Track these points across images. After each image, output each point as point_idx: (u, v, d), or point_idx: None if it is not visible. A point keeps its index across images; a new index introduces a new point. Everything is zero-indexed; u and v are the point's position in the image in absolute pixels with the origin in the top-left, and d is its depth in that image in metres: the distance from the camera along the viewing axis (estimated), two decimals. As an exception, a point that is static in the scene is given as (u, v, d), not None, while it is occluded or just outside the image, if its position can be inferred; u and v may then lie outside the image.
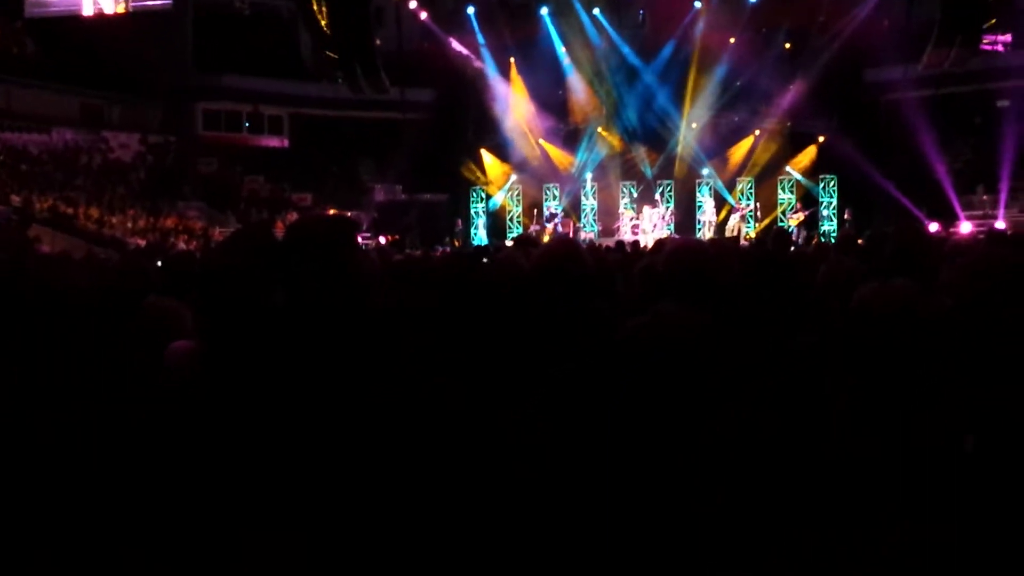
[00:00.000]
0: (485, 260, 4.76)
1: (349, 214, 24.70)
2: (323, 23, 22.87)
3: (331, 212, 21.45)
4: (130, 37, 24.25)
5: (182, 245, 19.43)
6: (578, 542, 1.77)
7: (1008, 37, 23.64)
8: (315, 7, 22.77)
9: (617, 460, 1.86)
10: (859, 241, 9.27)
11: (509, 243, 15.01)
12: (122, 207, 23.07)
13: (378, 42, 24.03)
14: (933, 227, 18.60)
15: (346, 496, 1.72)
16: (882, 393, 2.15)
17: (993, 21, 22.46)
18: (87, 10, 24.56)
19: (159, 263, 5.69)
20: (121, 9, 24.97)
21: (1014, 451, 1.84)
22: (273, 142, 28.50)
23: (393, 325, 2.50)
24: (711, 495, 1.86)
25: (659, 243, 7.14)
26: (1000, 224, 19.86)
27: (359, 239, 2.06)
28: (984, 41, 22.96)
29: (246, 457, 1.77)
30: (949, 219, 20.75)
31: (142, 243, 19.00)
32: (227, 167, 27.04)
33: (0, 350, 2.14)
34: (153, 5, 25.17)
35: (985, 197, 22.88)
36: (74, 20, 24.28)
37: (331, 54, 23.68)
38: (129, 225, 22.21)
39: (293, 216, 21.96)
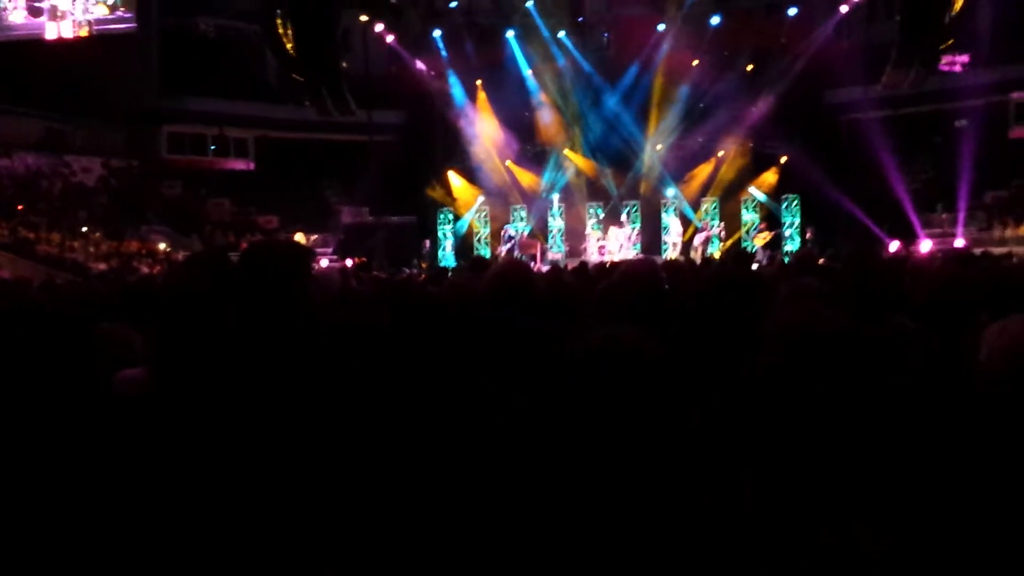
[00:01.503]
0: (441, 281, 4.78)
1: (315, 236, 24.62)
2: (289, 46, 22.90)
3: (295, 236, 21.40)
4: (95, 60, 24.07)
5: (145, 269, 19.25)
6: (562, 546, 1.77)
7: (965, 58, 24.13)
8: (281, 30, 22.81)
9: (601, 466, 1.87)
10: (820, 260, 9.42)
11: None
12: (84, 231, 22.81)
13: (344, 65, 24.11)
14: (894, 245, 18.89)
15: (301, 506, 1.72)
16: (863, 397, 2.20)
17: (951, 42, 22.99)
18: (50, 34, 24.36)
19: (119, 288, 5.63)
20: (84, 33, 24.79)
21: (997, 453, 1.88)
22: (239, 165, 28.33)
23: (344, 344, 2.51)
24: (698, 497, 1.88)
25: (615, 264, 7.22)
26: (959, 242, 20.22)
27: (311, 265, 2.07)
28: (942, 62, 23.46)
29: (203, 470, 1.76)
30: (909, 237, 21.06)
31: (103, 267, 18.80)
32: (191, 190, 26.85)
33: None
34: (118, 29, 25.01)
35: (944, 215, 23.28)
36: (38, 43, 24.07)
37: (297, 77, 23.72)
38: (91, 249, 21.96)
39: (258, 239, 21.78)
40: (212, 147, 27.99)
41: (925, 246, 19.60)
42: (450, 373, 2.58)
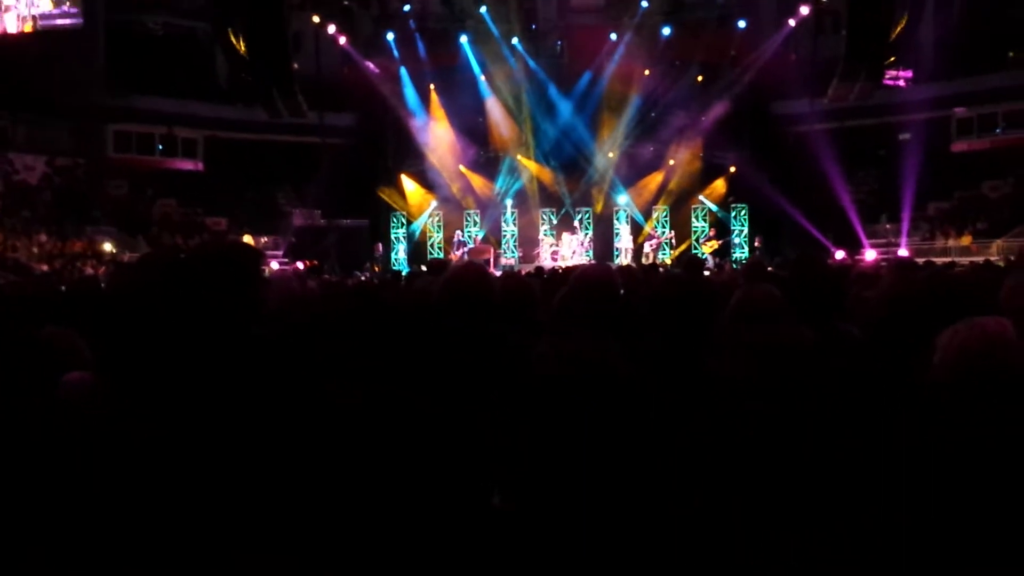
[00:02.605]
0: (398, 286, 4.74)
1: (265, 239, 24.32)
2: (240, 46, 22.62)
3: (243, 238, 21.12)
4: (38, 56, 23.53)
5: (90, 270, 18.85)
6: (554, 548, 1.76)
7: (909, 73, 24.74)
8: (231, 30, 22.52)
9: (587, 473, 1.86)
10: (768, 268, 9.55)
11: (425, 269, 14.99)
12: (27, 231, 22.28)
13: (296, 66, 23.88)
14: (839, 255, 19.26)
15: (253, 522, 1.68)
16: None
17: (895, 58, 23.54)
18: (-7, 28, 23.79)
19: (61, 289, 5.49)
20: (28, 28, 24.23)
21: (952, 453, 1.91)
22: (187, 165, 27.86)
23: (297, 350, 2.47)
24: (688, 498, 1.88)
25: (569, 270, 7.22)
26: (903, 252, 20.68)
27: (261, 267, 2.03)
28: (886, 77, 24.01)
29: (154, 477, 1.72)
30: (854, 247, 21.48)
31: (46, 268, 18.38)
32: (138, 190, 26.36)
33: None
34: (63, 24, 24.48)
35: (888, 226, 23.79)
36: (-22, 38, 23.48)
37: (248, 77, 23.42)
38: (35, 250, 21.45)
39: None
40: (160, 147, 27.50)
41: (870, 255, 20.00)
42: (417, 378, 2.56)
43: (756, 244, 23.88)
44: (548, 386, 1.90)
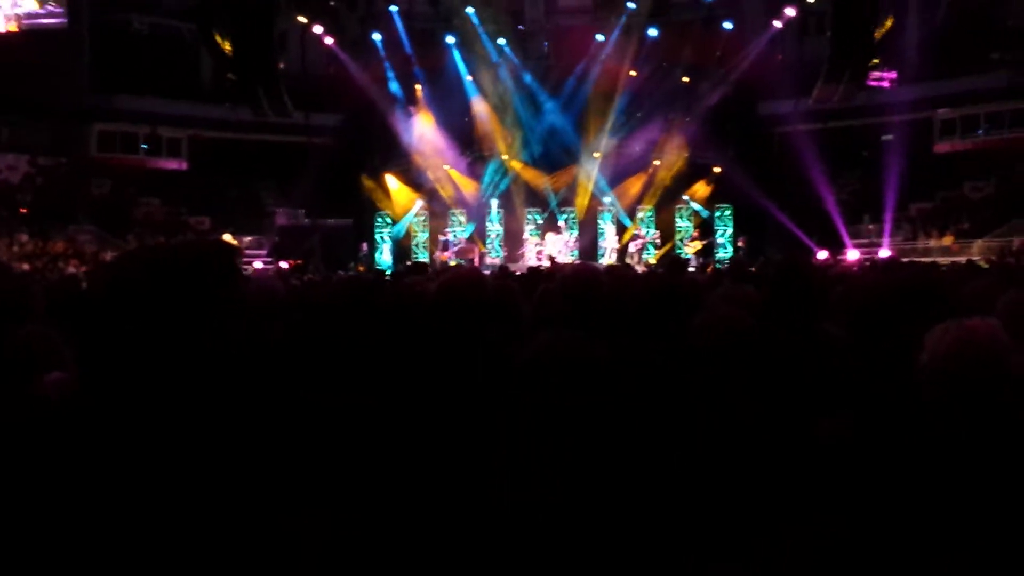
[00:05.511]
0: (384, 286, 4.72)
1: (248, 238, 24.21)
2: (225, 46, 22.54)
3: (223, 236, 21.00)
4: (22, 56, 23.36)
5: (72, 270, 18.71)
6: (562, 542, 1.76)
7: (893, 74, 24.86)
8: (217, 30, 22.44)
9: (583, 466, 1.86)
10: (752, 268, 9.59)
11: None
12: (9, 230, 22.10)
13: (282, 66, 23.82)
14: (823, 255, 19.35)
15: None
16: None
17: (878, 60, 23.68)
18: (-25, 27, 23.62)
19: (43, 288, 5.44)
20: (13, 28, 24.08)
21: (939, 451, 1.92)
22: (171, 164, 27.72)
23: (280, 354, 2.47)
24: (691, 489, 1.88)
25: (552, 269, 7.24)
26: (885, 252, 20.80)
27: (238, 264, 2.01)
28: (870, 78, 24.15)
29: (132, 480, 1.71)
30: (837, 247, 21.58)
31: (27, 268, 18.23)
32: (121, 189, 26.18)
33: None
34: (47, 24, 24.34)
35: (871, 226, 23.92)
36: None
37: (232, 77, 23.34)
38: (15, 249, 21.28)
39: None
40: (144, 146, 27.34)
41: (852, 255, 20.10)
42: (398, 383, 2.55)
43: (740, 244, 23.95)
44: (540, 381, 1.89)
